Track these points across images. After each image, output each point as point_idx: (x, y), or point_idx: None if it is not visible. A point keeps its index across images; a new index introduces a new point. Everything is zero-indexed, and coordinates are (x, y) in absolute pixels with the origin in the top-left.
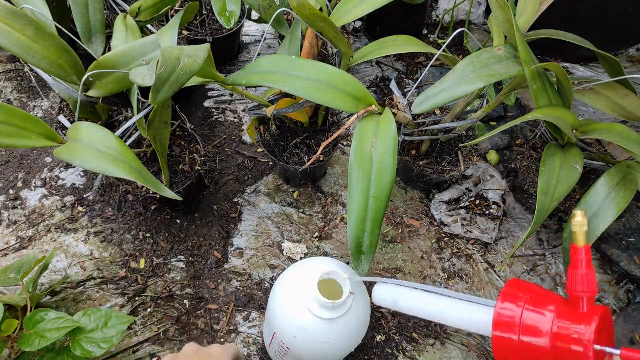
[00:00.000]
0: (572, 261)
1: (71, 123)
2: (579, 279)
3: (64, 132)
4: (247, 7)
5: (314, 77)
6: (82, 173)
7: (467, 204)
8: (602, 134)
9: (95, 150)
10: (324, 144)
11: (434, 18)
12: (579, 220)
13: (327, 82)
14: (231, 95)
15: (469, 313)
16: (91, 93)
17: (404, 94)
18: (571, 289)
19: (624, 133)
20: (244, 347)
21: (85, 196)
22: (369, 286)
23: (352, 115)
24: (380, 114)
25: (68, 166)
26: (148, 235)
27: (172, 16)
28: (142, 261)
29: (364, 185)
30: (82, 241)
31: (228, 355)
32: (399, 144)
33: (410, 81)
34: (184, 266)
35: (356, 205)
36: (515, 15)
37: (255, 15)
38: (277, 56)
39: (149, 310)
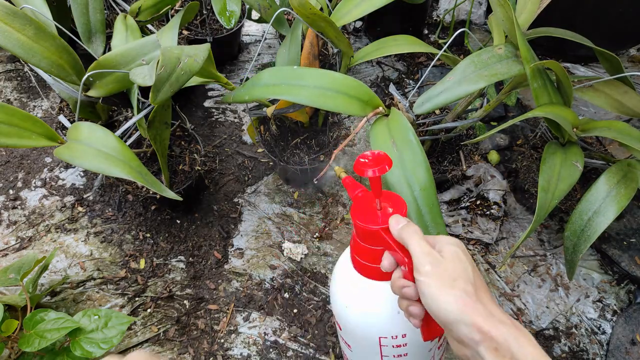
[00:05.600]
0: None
1: (71, 123)
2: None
3: (63, 132)
4: (247, 6)
5: (318, 85)
6: (81, 173)
7: (468, 204)
8: (602, 131)
9: (95, 150)
10: (335, 152)
11: (435, 18)
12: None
13: (332, 87)
14: None
15: None
16: (91, 93)
17: (405, 94)
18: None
19: (624, 130)
20: (244, 347)
21: (85, 196)
22: None
23: (352, 115)
24: (387, 115)
25: (68, 166)
26: (148, 235)
27: (172, 16)
28: (142, 261)
29: (403, 180)
30: (82, 241)
31: None
32: None
33: (410, 81)
34: (183, 266)
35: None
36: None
37: (255, 15)
38: (279, 68)
39: (148, 310)
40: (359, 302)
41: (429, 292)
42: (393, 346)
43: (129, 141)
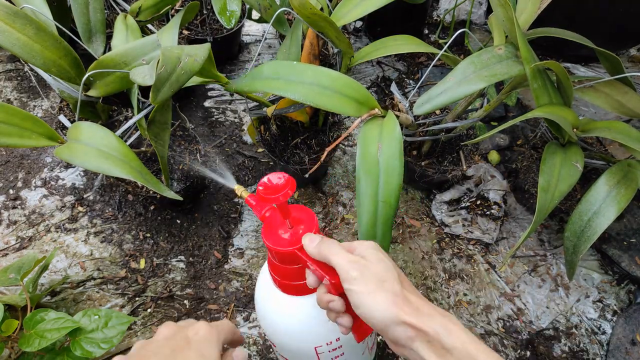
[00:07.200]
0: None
1: (71, 123)
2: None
3: (64, 131)
4: (248, 6)
5: (316, 82)
6: (82, 173)
7: (468, 204)
8: (602, 131)
9: (96, 149)
10: (327, 149)
11: (435, 18)
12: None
13: (330, 86)
14: (231, 95)
15: None
16: (91, 93)
17: (405, 94)
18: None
19: (624, 130)
20: (244, 347)
21: (85, 196)
22: None
23: (347, 115)
24: (383, 116)
25: (68, 166)
26: (148, 235)
27: (172, 15)
28: (142, 261)
29: (372, 190)
30: (82, 241)
31: (215, 337)
32: None
33: (411, 81)
34: (184, 266)
35: (365, 211)
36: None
37: (255, 14)
38: (279, 62)
39: (149, 310)
40: (290, 320)
41: (360, 300)
42: (329, 351)
43: (129, 141)
